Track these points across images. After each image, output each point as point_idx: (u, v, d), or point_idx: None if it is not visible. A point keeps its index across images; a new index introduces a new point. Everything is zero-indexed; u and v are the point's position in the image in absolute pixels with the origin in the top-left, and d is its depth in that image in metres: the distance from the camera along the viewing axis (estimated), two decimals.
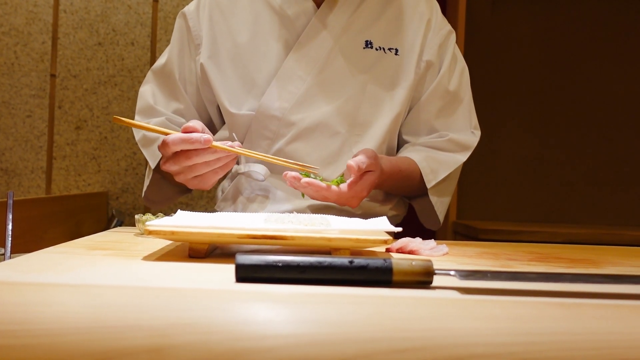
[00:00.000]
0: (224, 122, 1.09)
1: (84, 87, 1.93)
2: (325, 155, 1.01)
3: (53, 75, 1.93)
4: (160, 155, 0.93)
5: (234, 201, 1.06)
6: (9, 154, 1.93)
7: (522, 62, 2.09)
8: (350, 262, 0.46)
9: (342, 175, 0.86)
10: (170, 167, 0.78)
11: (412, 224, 1.09)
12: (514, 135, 2.09)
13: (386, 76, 1.02)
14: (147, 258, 0.58)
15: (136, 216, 0.80)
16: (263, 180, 1.01)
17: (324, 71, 1.00)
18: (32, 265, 0.51)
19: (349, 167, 0.83)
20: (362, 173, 0.84)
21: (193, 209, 1.90)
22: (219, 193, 1.12)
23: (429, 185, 1.01)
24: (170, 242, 0.72)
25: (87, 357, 0.37)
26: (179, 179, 0.80)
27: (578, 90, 2.09)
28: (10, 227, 0.73)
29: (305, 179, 0.80)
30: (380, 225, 0.66)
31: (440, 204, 1.05)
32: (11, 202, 0.76)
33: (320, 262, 0.46)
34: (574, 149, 2.09)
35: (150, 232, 0.57)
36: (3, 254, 0.78)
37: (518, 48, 2.09)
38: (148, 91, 1.06)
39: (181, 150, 0.77)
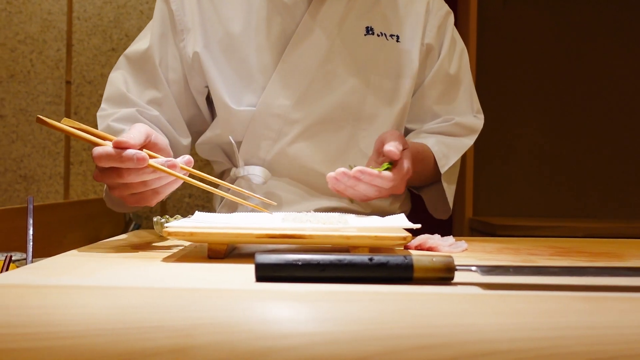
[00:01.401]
0: (214, 116, 1.01)
1: (99, 92, 1.95)
2: (330, 152, 0.97)
3: (68, 82, 1.96)
4: None
5: (235, 207, 1.00)
6: (27, 161, 1.96)
7: (536, 55, 2.07)
8: (371, 259, 0.46)
9: (389, 163, 0.80)
10: (103, 180, 0.67)
11: (421, 220, 1.09)
12: (530, 129, 2.07)
13: (390, 66, 0.99)
14: (167, 259, 0.59)
15: (154, 219, 0.80)
16: (264, 184, 0.97)
17: (326, 63, 0.95)
18: (53, 268, 0.52)
19: (389, 154, 0.78)
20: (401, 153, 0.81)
21: (209, 211, 1.90)
22: (218, 199, 1.06)
23: (442, 169, 0.99)
24: (189, 243, 0.72)
25: (112, 358, 0.37)
26: (115, 194, 0.68)
27: (594, 83, 2.06)
28: (31, 231, 0.74)
29: (356, 168, 0.73)
30: (398, 223, 0.65)
31: (450, 191, 1.03)
32: (31, 207, 0.77)
33: (340, 260, 0.46)
34: (591, 142, 2.07)
35: (169, 234, 0.57)
36: (24, 259, 0.79)
37: (531, 42, 2.07)
38: (119, 77, 0.96)
39: (111, 167, 0.64)
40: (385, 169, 0.78)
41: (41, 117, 0.60)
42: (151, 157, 0.66)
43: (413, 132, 1.05)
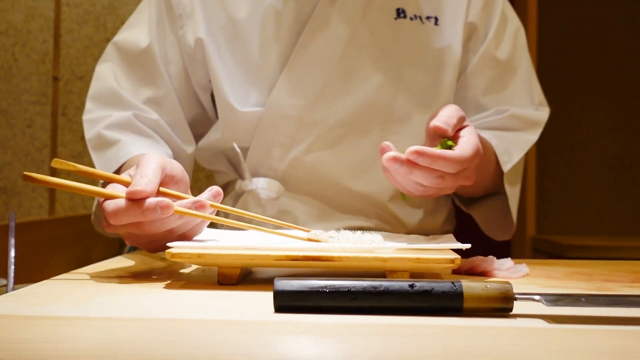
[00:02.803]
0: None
1: None
2: (355, 162, 0.96)
3: (56, 78, 2.00)
4: (117, 166, 0.86)
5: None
6: (8, 170, 2.00)
7: (613, 38, 2.03)
8: (411, 286, 0.46)
9: (448, 141, 0.73)
10: (116, 232, 0.66)
11: (472, 239, 1.06)
12: (601, 134, 2.03)
13: (426, 55, 0.96)
14: (170, 286, 0.59)
15: None
16: (275, 200, 0.96)
17: (348, 54, 0.94)
18: (40, 296, 0.52)
19: (437, 130, 0.72)
20: (459, 129, 0.75)
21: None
22: (221, 217, 1.00)
23: (505, 167, 0.94)
24: (196, 266, 0.73)
25: None
26: (131, 243, 0.68)
27: None
28: (12, 253, 0.76)
29: (412, 147, 0.67)
30: (445, 242, 0.65)
31: (514, 198, 0.98)
32: (13, 224, 0.78)
33: (375, 287, 0.46)
34: None
35: (173, 256, 0.58)
36: (5, 285, 0.80)
37: (606, 20, 2.03)
38: (108, 72, 0.96)
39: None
40: (447, 147, 0.71)
41: (28, 174, 0.60)
42: (168, 195, 0.65)
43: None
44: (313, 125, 0.95)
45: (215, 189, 0.68)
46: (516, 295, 0.46)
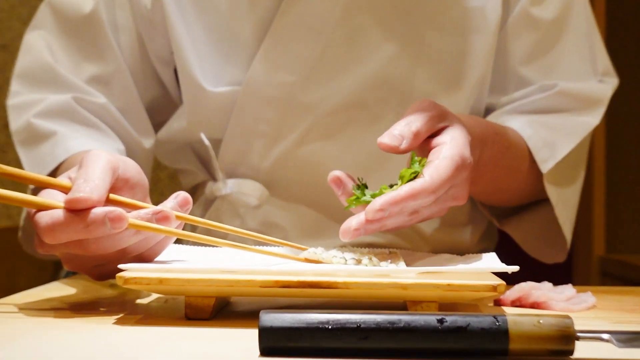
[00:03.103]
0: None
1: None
2: (361, 158, 0.96)
3: None
4: (52, 166, 0.87)
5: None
6: None
7: None
8: (441, 321, 0.46)
9: (418, 162, 0.72)
10: (52, 252, 0.66)
11: (520, 260, 1.05)
12: None
13: (455, 15, 0.96)
14: (122, 322, 0.59)
15: None
16: (258, 207, 0.97)
17: (350, 15, 0.93)
18: None
19: (382, 148, 0.71)
20: (434, 132, 0.73)
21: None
22: (187, 229, 0.99)
23: (543, 167, 0.93)
24: (156, 295, 0.72)
25: None
26: (71, 268, 0.68)
27: None
28: None
29: (371, 206, 0.66)
30: (484, 264, 0.65)
31: (565, 206, 0.97)
32: None
33: (392, 323, 0.45)
34: None
35: (126, 282, 0.57)
36: None
37: None
38: (41, 42, 0.96)
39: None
40: (412, 174, 0.69)
41: None
42: (121, 204, 0.65)
43: (491, 115, 1.01)
44: (305, 110, 0.95)
45: (182, 195, 0.68)
46: (579, 334, 0.46)
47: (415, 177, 0.69)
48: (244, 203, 0.97)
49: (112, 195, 0.65)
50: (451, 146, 0.72)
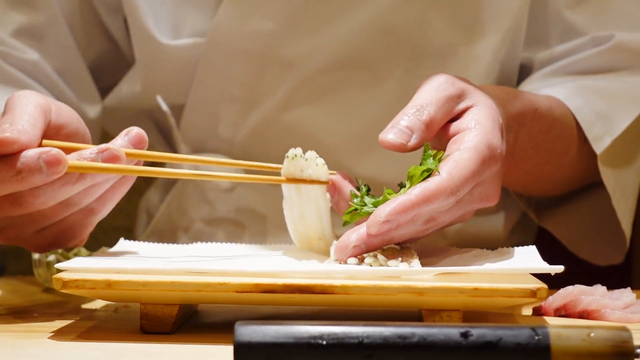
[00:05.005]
0: None
1: None
2: (360, 126, 0.93)
3: None
4: None
5: (173, 235, 0.97)
6: None
7: None
8: (465, 335, 0.43)
9: (438, 150, 0.66)
10: None
11: (566, 259, 1.00)
12: None
13: None
14: (60, 336, 0.57)
15: (35, 256, 0.78)
16: (231, 190, 0.96)
17: None
18: None
19: (385, 147, 0.66)
20: (454, 116, 0.68)
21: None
22: (142, 219, 1.05)
23: (598, 146, 0.87)
24: (104, 302, 0.70)
25: None
26: (3, 239, 0.66)
27: None
28: None
29: (376, 216, 0.61)
30: (522, 262, 0.62)
31: (623, 195, 0.91)
32: None
33: (404, 337, 0.43)
34: None
35: (64, 285, 0.54)
36: None
37: None
38: None
39: None
40: (425, 172, 0.64)
41: None
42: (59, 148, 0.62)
43: (527, 80, 0.95)
44: (288, 67, 0.91)
45: (135, 130, 0.64)
46: (638, 350, 0.44)
47: (429, 176, 0.63)
48: (213, 185, 0.95)
49: (45, 141, 0.62)
50: (476, 133, 0.66)
